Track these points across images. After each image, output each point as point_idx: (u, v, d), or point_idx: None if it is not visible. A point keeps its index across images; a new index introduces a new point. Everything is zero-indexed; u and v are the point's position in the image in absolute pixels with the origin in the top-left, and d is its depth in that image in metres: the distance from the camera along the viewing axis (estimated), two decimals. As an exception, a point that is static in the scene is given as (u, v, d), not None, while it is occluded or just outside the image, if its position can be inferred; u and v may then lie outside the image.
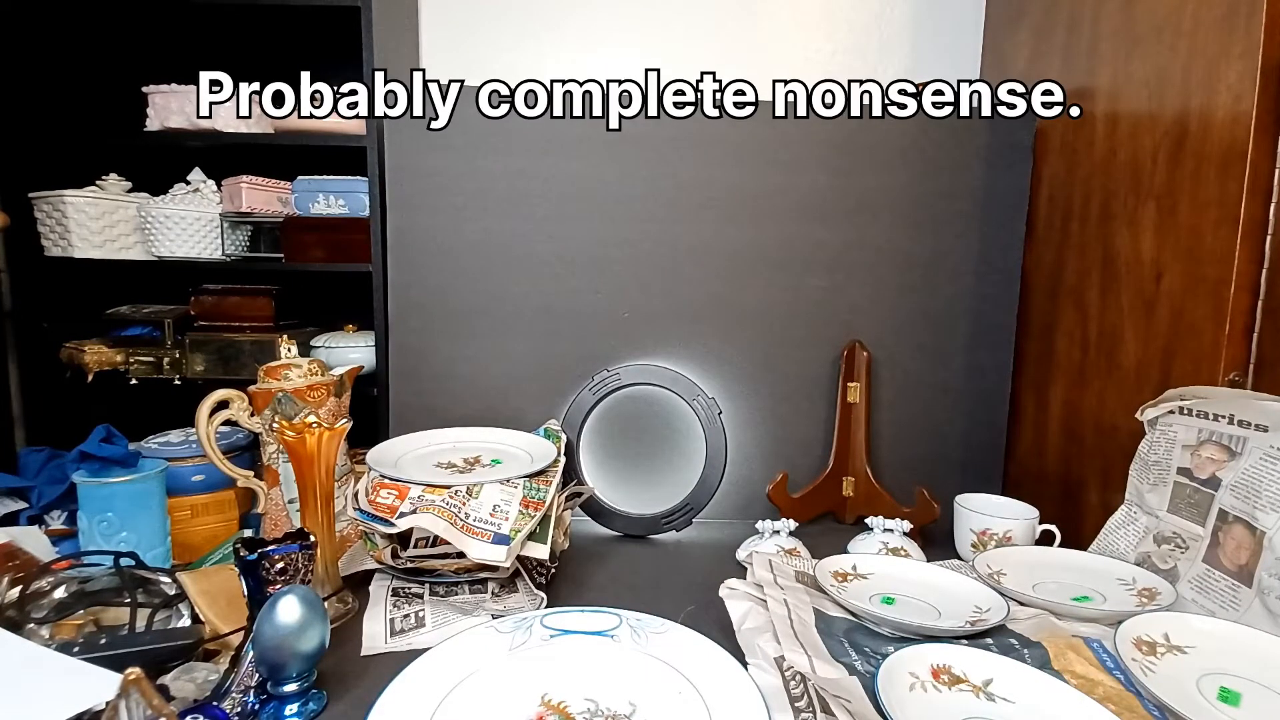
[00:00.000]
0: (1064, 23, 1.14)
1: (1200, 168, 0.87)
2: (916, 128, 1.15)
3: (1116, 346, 1.00)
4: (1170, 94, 0.91)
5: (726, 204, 1.14)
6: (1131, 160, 0.98)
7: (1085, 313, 1.06)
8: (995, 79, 1.33)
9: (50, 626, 0.66)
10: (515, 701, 0.58)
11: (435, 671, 0.60)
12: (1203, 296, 0.85)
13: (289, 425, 0.77)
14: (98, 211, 1.31)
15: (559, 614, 0.69)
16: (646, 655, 0.64)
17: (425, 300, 1.13)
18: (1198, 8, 0.87)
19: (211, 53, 1.43)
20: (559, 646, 0.65)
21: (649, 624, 0.68)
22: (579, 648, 0.65)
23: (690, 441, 1.11)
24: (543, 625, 0.68)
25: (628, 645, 0.66)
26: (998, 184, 1.16)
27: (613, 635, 0.67)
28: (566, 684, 0.61)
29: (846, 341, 1.15)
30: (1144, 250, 0.95)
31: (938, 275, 1.16)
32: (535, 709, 0.58)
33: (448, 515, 0.77)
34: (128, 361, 1.34)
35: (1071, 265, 1.09)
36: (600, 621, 0.68)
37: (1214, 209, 0.84)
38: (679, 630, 0.67)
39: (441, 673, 0.60)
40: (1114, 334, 1.00)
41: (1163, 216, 0.92)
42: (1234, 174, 0.81)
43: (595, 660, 0.64)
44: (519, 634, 0.66)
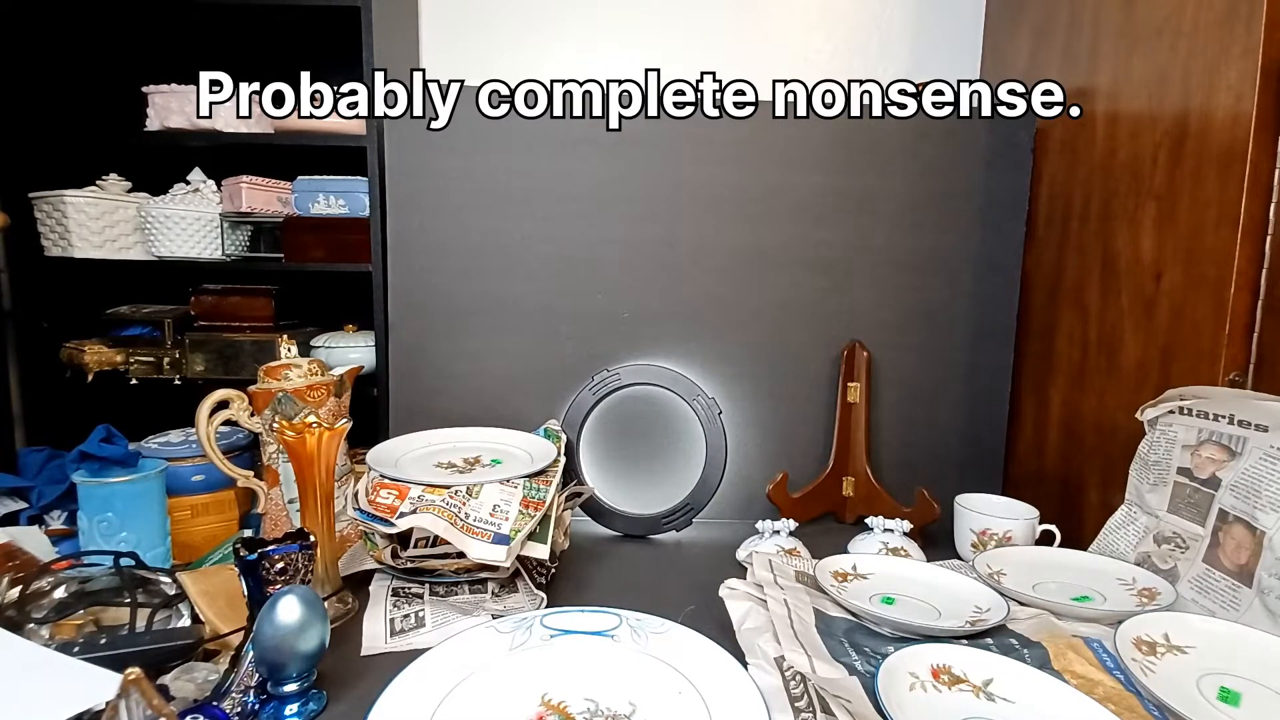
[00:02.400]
0: (1064, 23, 1.14)
1: (1200, 168, 0.87)
2: (916, 128, 1.15)
3: (1116, 346, 1.00)
4: (1170, 94, 0.91)
5: (726, 204, 1.14)
6: (1131, 160, 0.98)
7: (1085, 313, 1.06)
8: (995, 79, 1.33)
9: (50, 626, 0.66)
10: (515, 701, 0.58)
11: (435, 671, 0.60)
12: (1203, 296, 0.85)
13: (289, 425, 0.77)
14: (98, 211, 1.31)
15: (559, 614, 0.69)
16: (646, 655, 0.64)
17: (425, 300, 1.13)
18: (1198, 8, 0.87)
19: (211, 53, 1.43)
20: (559, 646, 0.66)
21: (649, 624, 0.68)
22: (579, 648, 0.66)
23: (690, 441, 1.11)
24: (543, 625, 0.68)
25: (628, 645, 0.66)
26: (998, 184, 1.16)
27: (613, 635, 0.67)
28: (566, 684, 0.61)
29: (846, 341, 1.15)
30: (1144, 250, 0.95)
31: (938, 275, 1.16)
32: (535, 709, 0.58)
33: (448, 515, 0.77)
34: (128, 361, 1.34)
35: (1071, 265, 1.09)
36: (600, 621, 0.68)
37: (1214, 209, 0.84)
38: (679, 630, 0.67)
39: (441, 672, 0.60)
40: (1114, 334, 1.00)
41: (1163, 216, 0.92)
42: (1234, 174, 0.81)
43: (595, 660, 0.64)
44: (519, 634, 0.66)
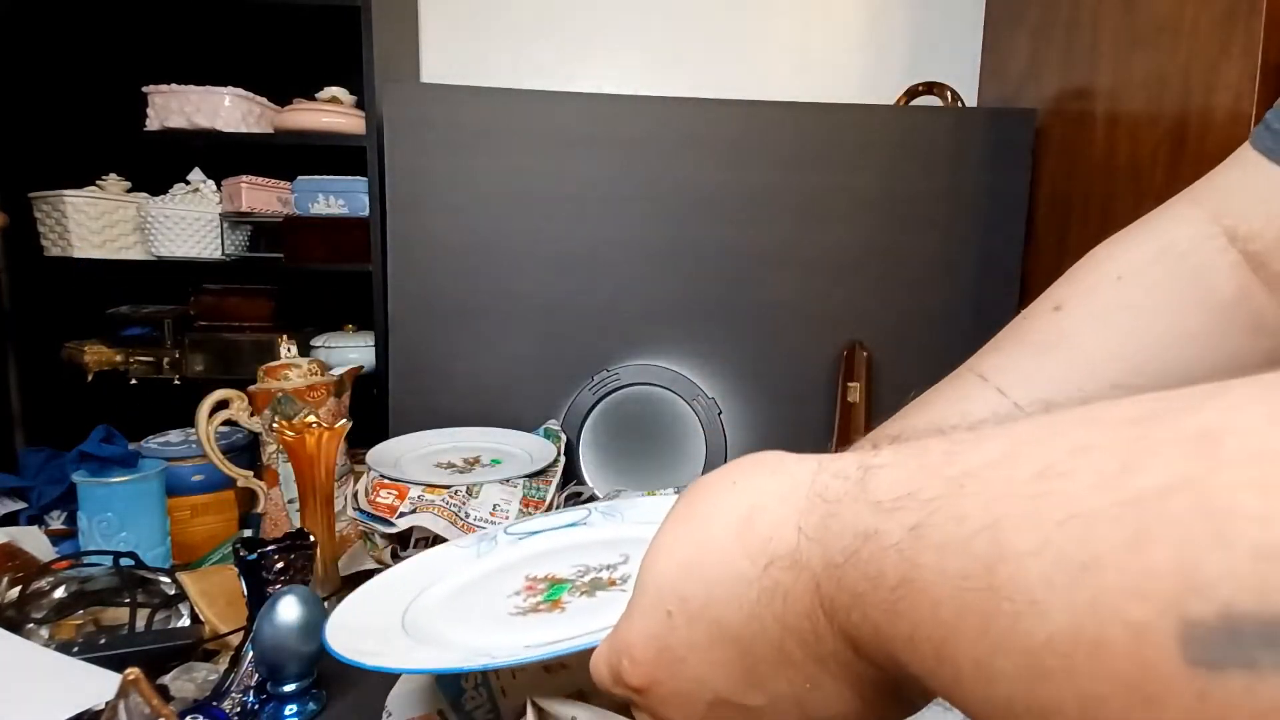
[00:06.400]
0: (1064, 23, 1.14)
1: (1200, 168, 0.86)
2: (916, 127, 1.15)
3: (1116, 346, 1.00)
4: (1170, 94, 0.91)
5: (727, 204, 1.14)
6: (1131, 160, 0.98)
7: (1085, 313, 1.06)
8: (995, 79, 1.33)
9: (50, 626, 0.66)
10: (497, 585, 0.53)
11: (398, 581, 0.55)
12: (1203, 296, 0.85)
13: (289, 425, 0.77)
14: (97, 211, 1.31)
15: (521, 522, 0.63)
16: (627, 525, 0.60)
17: (425, 300, 1.13)
18: (1197, 8, 0.87)
19: (211, 52, 1.43)
20: (530, 544, 0.59)
21: (620, 505, 0.63)
22: (551, 540, 0.59)
23: (690, 441, 1.11)
24: (506, 533, 0.61)
25: (603, 525, 0.61)
26: (998, 184, 1.16)
27: (585, 523, 0.62)
28: (548, 562, 0.55)
29: (846, 341, 1.15)
30: (1144, 250, 0.95)
31: (938, 275, 1.16)
32: (522, 583, 0.53)
33: (448, 515, 0.77)
34: (128, 361, 1.34)
35: (1071, 265, 1.09)
36: (568, 518, 0.63)
37: (1214, 209, 0.84)
38: (652, 499, 0.62)
39: (406, 580, 0.55)
40: (1114, 334, 1.00)
41: (1163, 216, 0.92)
42: (1234, 174, 0.81)
43: (572, 542, 0.59)
44: (484, 544, 0.60)
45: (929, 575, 0.18)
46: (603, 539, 0.59)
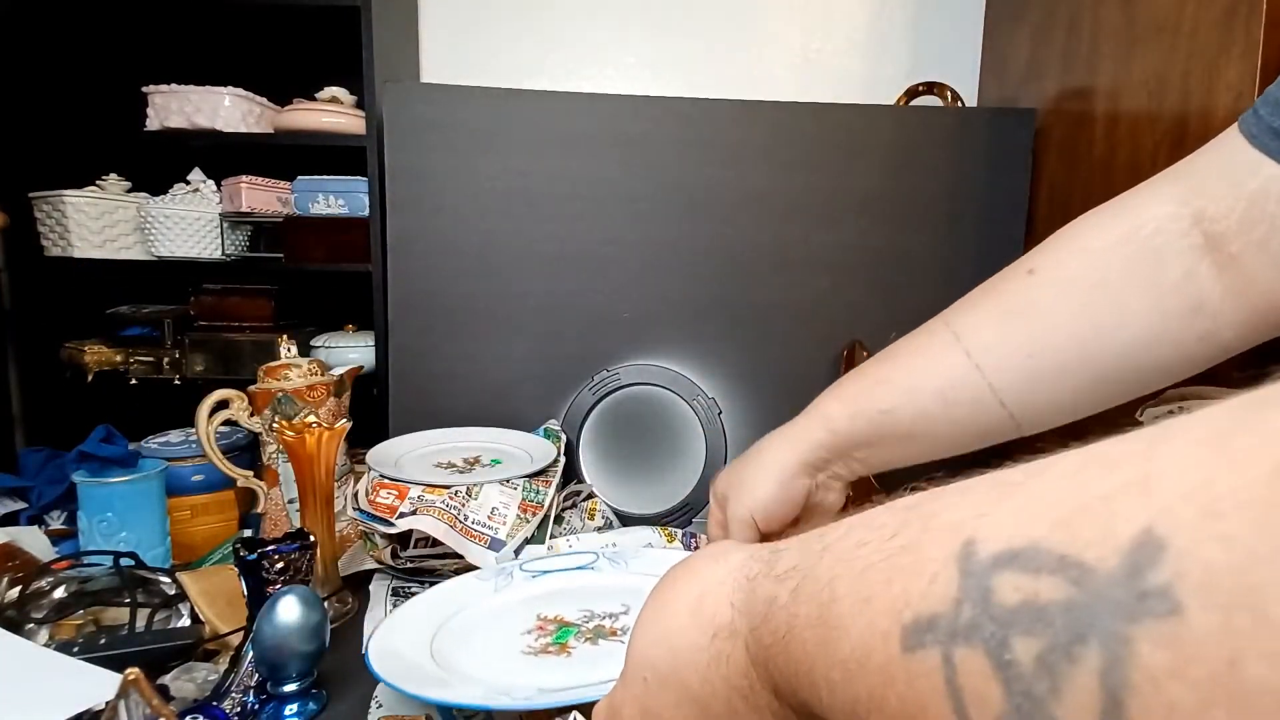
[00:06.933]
0: (1064, 23, 1.14)
1: (1200, 168, 0.87)
2: (915, 127, 1.15)
3: (1116, 346, 1.00)
4: (1170, 94, 0.91)
5: (726, 204, 1.14)
6: (1131, 160, 0.98)
7: (1085, 313, 1.06)
8: (995, 79, 1.33)
9: (50, 626, 0.66)
10: (511, 621, 0.63)
11: (425, 611, 0.64)
12: (1203, 296, 0.85)
13: (289, 425, 0.77)
14: (97, 211, 1.31)
15: (536, 560, 0.74)
16: (629, 574, 0.70)
17: (425, 300, 1.13)
18: (1198, 8, 0.87)
19: (211, 52, 1.43)
20: (543, 582, 0.70)
21: (625, 553, 0.72)
22: (562, 580, 0.71)
23: (690, 441, 1.11)
24: (522, 569, 0.72)
25: (609, 571, 0.72)
26: (998, 184, 1.16)
27: (593, 567, 0.72)
28: (558, 603, 0.66)
29: (846, 341, 1.15)
30: (1144, 250, 0.95)
31: (937, 275, 1.16)
32: (533, 622, 0.63)
33: (447, 517, 0.77)
34: (128, 361, 1.34)
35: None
36: (578, 560, 0.74)
37: (1214, 209, 0.84)
38: (654, 551, 0.72)
39: (431, 611, 0.64)
40: (1114, 334, 1.00)
41: (1163, 216, 0.92)
42: (1234, 174, 0.81)
43: (581, 585, 0.70)
44: (500, 579, 0.70)
45: (802, 622, 0.24)
46: (607, 585, 0.69)
